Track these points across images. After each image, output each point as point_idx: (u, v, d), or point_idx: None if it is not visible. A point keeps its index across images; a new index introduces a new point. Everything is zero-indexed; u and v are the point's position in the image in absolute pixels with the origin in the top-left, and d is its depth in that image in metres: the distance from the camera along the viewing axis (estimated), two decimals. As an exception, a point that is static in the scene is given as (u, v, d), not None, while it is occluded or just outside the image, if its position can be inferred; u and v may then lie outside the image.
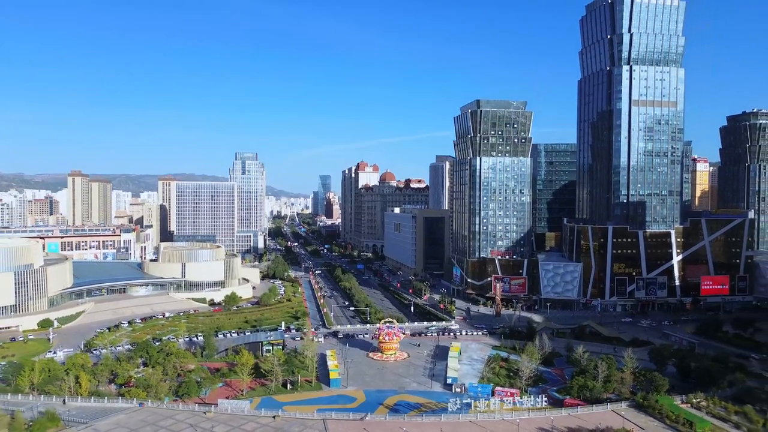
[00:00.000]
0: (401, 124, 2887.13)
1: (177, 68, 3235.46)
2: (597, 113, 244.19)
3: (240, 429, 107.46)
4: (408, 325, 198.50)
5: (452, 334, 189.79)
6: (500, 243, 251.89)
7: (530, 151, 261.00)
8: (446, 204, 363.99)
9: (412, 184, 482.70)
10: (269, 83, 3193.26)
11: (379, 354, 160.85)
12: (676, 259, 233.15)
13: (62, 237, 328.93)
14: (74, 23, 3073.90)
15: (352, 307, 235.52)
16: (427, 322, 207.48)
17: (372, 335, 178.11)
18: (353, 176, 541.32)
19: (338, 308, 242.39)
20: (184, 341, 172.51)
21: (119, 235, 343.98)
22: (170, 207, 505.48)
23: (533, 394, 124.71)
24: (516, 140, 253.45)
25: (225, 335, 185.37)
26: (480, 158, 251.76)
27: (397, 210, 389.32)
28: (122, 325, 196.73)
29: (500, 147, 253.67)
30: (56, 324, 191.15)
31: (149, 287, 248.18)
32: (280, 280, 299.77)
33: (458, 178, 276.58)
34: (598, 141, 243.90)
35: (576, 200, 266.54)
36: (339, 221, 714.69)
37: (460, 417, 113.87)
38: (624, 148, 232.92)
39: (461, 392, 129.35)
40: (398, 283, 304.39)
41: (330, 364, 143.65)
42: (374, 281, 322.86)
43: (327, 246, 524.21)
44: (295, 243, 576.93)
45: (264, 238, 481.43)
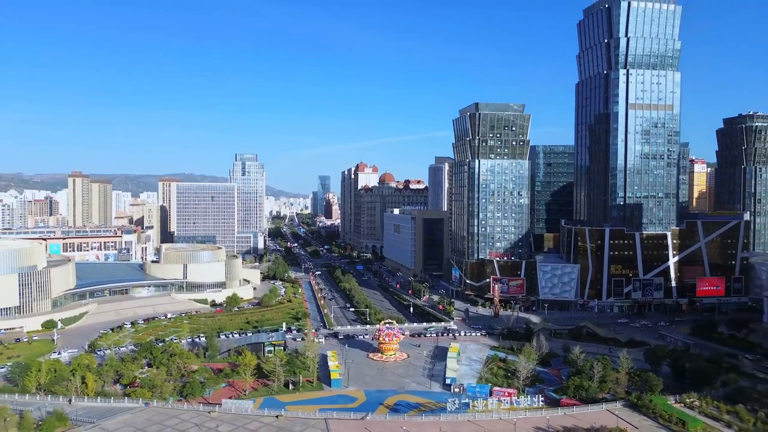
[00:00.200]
0: (401, 124, 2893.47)
1: (177, 68, 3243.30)
2: (594, 116, 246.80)
3: (244, 428, 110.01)
4: (407, 326, 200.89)
5: (451, 335, 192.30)
6: (499, 244, 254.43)
7: (528, 154, 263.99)
8: (445, 205, 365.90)
9: (412, 185, 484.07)
10: (269, 83, 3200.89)
11: (379, 355, 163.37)
12: (673, 261, 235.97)
13: (64, 238, 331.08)
14: (74, 23, 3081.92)
15: (353, 308, 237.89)
16: (427, 323, 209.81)
17: (372, 336, 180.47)
18: (353, 177, 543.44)
19: (338, 309, 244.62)
20: (187, 342, 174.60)
21: (120, 236, 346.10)
22: (170, 208, 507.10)
23: (530, 394, 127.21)
24: (514, 143, 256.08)
25: (227, 336, 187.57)
26: (478, 160, 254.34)
27: (397, 211, 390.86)
28: (125, 326, 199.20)
29: (499, 149, 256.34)
30: (60, 325, 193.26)
31: (151, 288, 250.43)
32: (281, 281, 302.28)
33: (457, 180, 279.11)
34: (596, 143, 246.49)
35: (574, 202, 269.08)
36: (338, 222, 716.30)
37: (459, 416, 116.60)
38: (621, 151, 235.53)
39: (460, 392, 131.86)
40: (398, 284, 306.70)
41: (331, 365, 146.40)
42: (374, 282, 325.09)
43: (326, 246, 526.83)
44: (295, 244, 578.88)
45: (264, 239, 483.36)
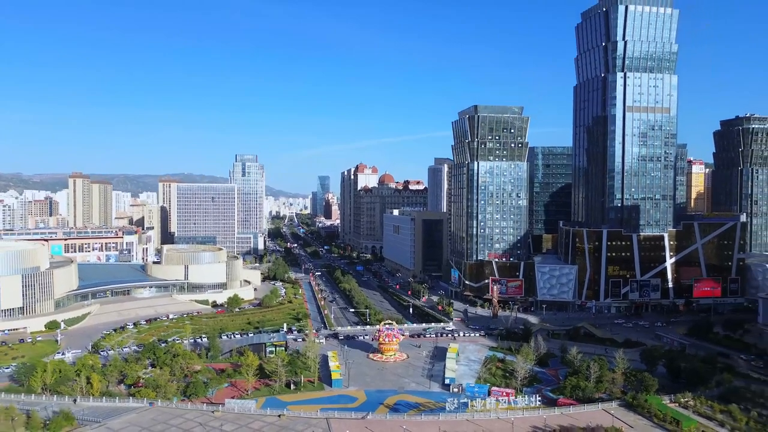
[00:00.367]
0: (401, 124, 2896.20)
1: (177, 68, 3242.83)
2: (592, 118, 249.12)
3: (247, 427, 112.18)
4: (407, 327, 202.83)
5: (450, 336, 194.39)
6: (497, 246, 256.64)
7: (527, 155, 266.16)
8: (444, 206, 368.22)
9: (411, 186, 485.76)
10: (269, 83, 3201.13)
11: (379, 355, 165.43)
12: (670, 262, 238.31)
13: (66, 239, 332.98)
14: (74, 23, 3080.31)
15: (353, 309, 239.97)
16: (426, 324, 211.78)
17: (372, 337, 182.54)
18: (352, 178, 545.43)
19: (338, 310, 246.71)
20: (189, 342, 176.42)
21: (122, 237, 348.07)
22: (171, 208, 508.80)
23: (528, 394, 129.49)
24: (513, 145, 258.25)
25: (229, 337, 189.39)
26: (477, 162, 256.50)
27: (396, 212, 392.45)
28: (128, 327, 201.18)
29: (497, 151, 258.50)
30: (63, 326, 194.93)
31: (153, 289, 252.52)
32: (281, 282, 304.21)
33: (456, 182, 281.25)
34: (594, 145, 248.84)
35: (572, 203, 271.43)
36: (338, 222, 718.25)
37: (458, 416, 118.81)
38: (618, 153, 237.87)
39: (459, 392, 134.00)
40: (397, 285, 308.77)
41: (332, 365, 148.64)
42: (373, 283, 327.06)
43: (326, 247, 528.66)
44: (295, 244, 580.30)
45: (264, 240, 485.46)
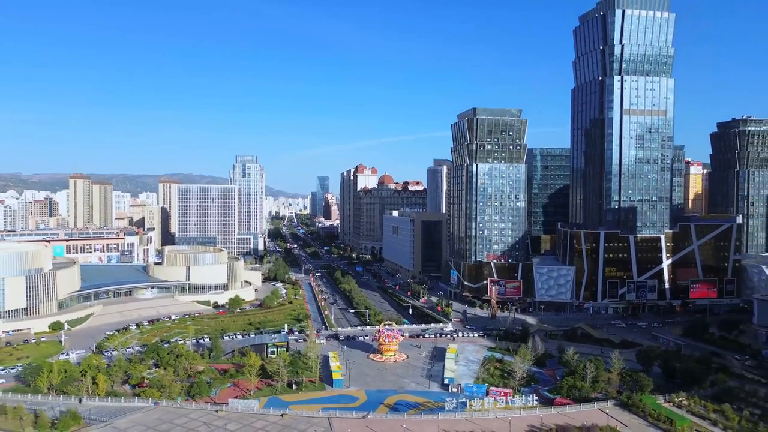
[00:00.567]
0: (401, 125, 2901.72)
1: (177, 68, 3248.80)
2: (590, 121, 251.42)
3: (251, 427, 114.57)
4: (407, 327, 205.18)
5: (449, 336, 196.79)
6: (496, 247, 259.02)
7: (525, 157, 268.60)
8: (444, 207, 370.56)
9: (411, 187, 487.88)
10: (269, 83, 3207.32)
11: (379, 355, 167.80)
12: (666, 263, 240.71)
13: (67, 240, 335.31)
14: (74, 23, 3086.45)
15: (353, 310, 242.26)
16: (425, 324, 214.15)
17: (372, 337, 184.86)
18: (352, 178, 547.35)
19: (339, 310, 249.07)
20: (192, 343, 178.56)
21: (123, 238, 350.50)
22: (171, 209, 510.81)
23: (525, 394, 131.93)
24: (511, 147, 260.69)
25: (230, 337, 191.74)
26: (476, 164, 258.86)
27: (396, 213, 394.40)
28: (131, 327, 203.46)
29: (496, 153, 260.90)
30: (66, 326, 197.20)
31: (154, 290, 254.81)
32: (281, 283, 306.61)
33: (455, 184, 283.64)
34: (591, 148, 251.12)
35: (569, 205, 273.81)
36: (337, 222, 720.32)
37: (456, 415, 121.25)
38: (615, 156, 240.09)
39: (457, 392, 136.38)
40: (397, 285, 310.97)
41: (332, 366, 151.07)
42: (373, 283, 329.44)
43: (326, 248, 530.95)
44: (295, 245, 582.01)
45: (264, 240, 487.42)
